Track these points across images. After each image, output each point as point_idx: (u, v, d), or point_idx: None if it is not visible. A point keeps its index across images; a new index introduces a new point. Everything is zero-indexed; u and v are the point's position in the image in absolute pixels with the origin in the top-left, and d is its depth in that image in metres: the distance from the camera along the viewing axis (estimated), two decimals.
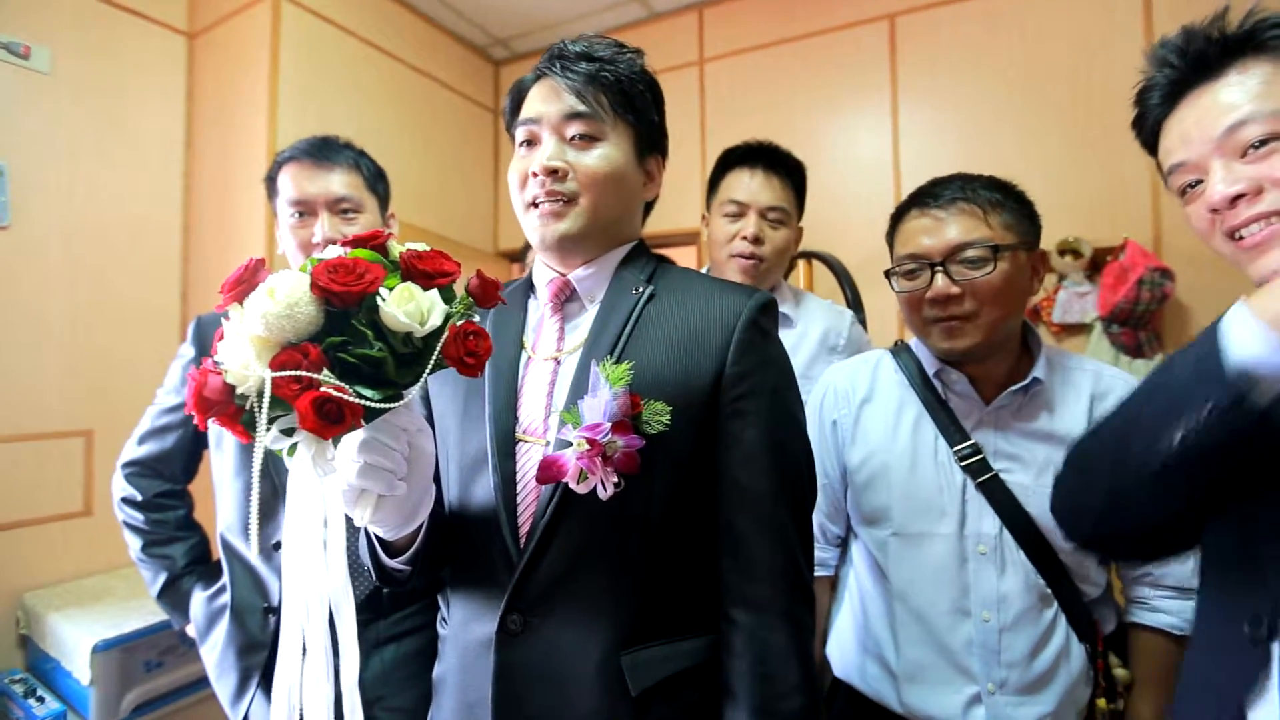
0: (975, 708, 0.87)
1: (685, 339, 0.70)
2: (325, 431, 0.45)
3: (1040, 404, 0.92)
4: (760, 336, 0.71)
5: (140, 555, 1.22)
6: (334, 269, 0.47)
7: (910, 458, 0.95)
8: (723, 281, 0.77)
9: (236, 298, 0.48)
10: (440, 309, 0.50)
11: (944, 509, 0.91)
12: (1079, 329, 2.02)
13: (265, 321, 0.45)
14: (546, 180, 0.71)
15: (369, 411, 0.47)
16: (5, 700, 1.67)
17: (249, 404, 0.46)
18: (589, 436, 0.61)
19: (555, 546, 0.66)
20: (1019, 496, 0.88)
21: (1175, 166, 0.65)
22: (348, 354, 0.46)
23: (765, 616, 0.67)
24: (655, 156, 0.80)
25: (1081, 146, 2.01)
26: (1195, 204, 0.64)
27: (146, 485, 1.21)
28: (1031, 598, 0.87)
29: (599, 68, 0.73)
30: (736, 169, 1.36)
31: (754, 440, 0.69)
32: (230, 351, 0.46)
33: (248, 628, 1.10)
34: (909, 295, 0.93)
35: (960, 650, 0.88)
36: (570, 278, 0.76)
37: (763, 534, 0.68)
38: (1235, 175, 0.59)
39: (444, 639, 0.76)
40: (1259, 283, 0.60)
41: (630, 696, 0.65)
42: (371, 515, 0.56)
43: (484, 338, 0.54)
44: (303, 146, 1.15)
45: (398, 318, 0.47)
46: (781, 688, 0.66)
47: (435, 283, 0.52)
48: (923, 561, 0.92)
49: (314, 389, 0.44)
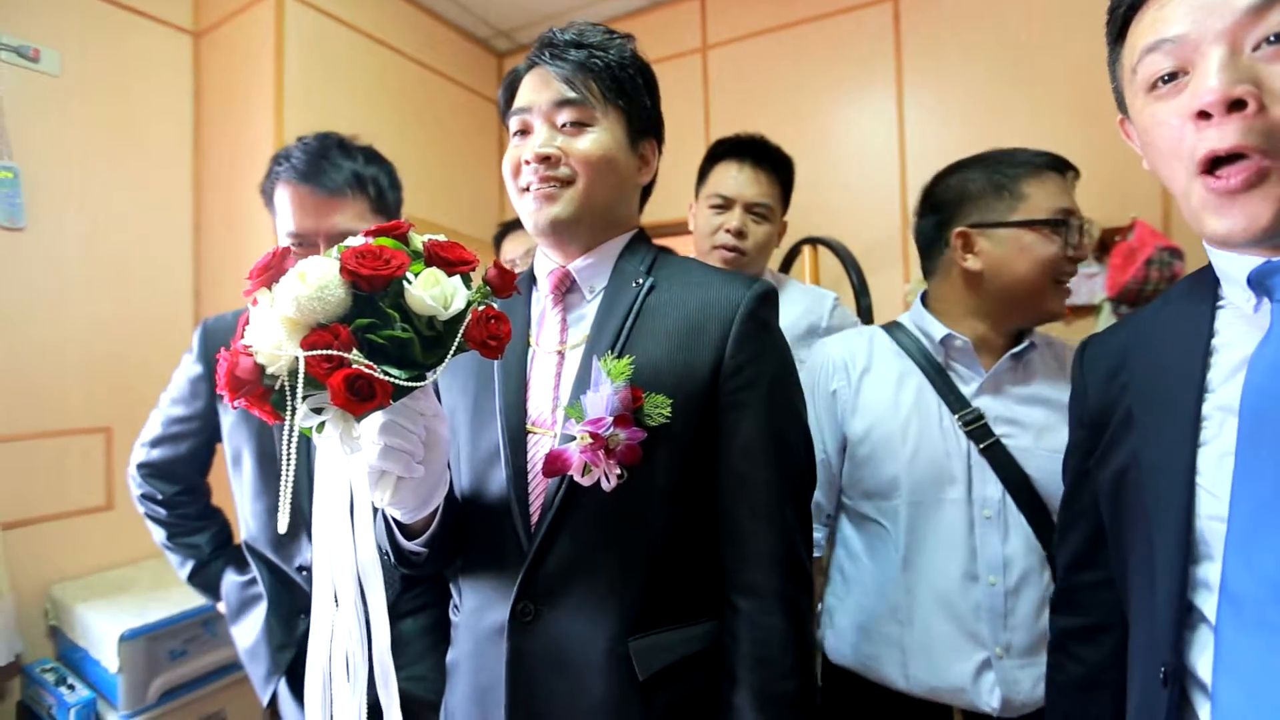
0: (985, 673, 0.89)
1: (685, 331, 0.71)
2: (356, 408, 0.46)
3: (1034, 370, 0.97)
4: (759, 327, 0.72)
5: (166, 544, 1.25)
6: (362, 255, 0.49)
7: (917, 426, 0.96)
8: (722, 271, 0.78)
9: (265, 283, 0.50)
10: (463, 293, 0.52)
11: (953, 475, 0.93)
12: (1087, 310, 2.01)
13: (297, 304, 0.46)
14: (540, 167, 0.72)
15: (397, 390, 0.49)
16: (38, 688, 1.71)
17: (278, 384, 0.48)
18: (591, 430, 0.63)
19: (563, 537, 0.68)
20: (1019, 459, 0.91)
21: (1158, 44, 0.51)
22: (375, 335, 0.48)
23: (764, 602, 0.69)
24: (649, 141, 0.80)
25: (1088, 125, 1.99)
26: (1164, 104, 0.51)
27: (162, 485, 1.22)
28: (1032, 560, 0.90)
29: (588, 54, 0.73)
30: (725, 161, 1.37)
31: (752, 430, 0.70)
32: (260, 334, 0.48)
33: (285, 629, 1.13)
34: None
35: (969, 615, 0.90)
36: (570, 268, 0.77)
37: (761, 522, 0.70)
38: (1241, 72, 0.46)
39: (456, 626, 0.78)
40: (1217, 243, 0.53)
41: (638, 681, 0.67)
42: (391, 497, 0.59)
43: (505, 321, 0.56)
44: (301, 165, 1.03)
45: (424, 300, 0.49)
46: (778, 670, 0.67)
47: (457, 269, 0.54)
48: (934, 528, 0.93)
49: (345, 368, 0.46)
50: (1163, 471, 0.58)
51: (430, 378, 0.51)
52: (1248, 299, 0.55)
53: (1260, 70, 0.46)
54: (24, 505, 1.80)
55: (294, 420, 0.47)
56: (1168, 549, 0.56)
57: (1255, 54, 0.46)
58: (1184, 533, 0.55)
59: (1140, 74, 0.54)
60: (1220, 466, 0.53)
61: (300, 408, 0.47)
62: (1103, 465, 0.68)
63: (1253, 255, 0.53)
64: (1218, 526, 0.53)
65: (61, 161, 1.89)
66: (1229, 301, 0.59)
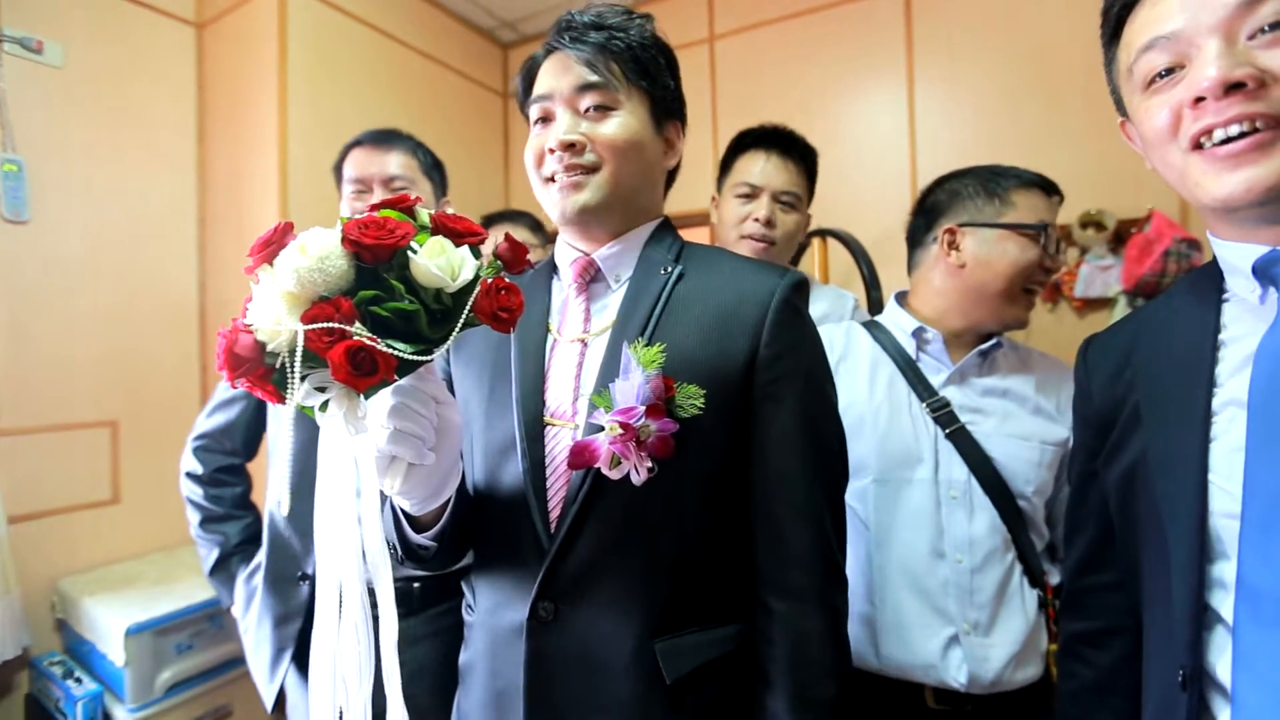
0: (953, 649, 0.93)
1: (717, 320, 0.68)
2: (358, 383, 0.44)
3: (998, 366, 1.04)
4: (794, 316, 0.70)
5: (198, 531, 1.28)
6: (365, 225, 0.47)
7: (888, 410, 1.03)
8: (752, 260, 0.75)
9: (266, 258, 0.48)
10: (471, 263, 0.50)
11: (921, 455, 0.99)
12: (1102, 303, 1.98)
13: (297, 276, 0.44)
14: (564, 155, 0.70)
15: (401, 365, 0.46)
16: (45, 681, 1.71)
17: (279, 362, 0.46)
18: (622, 420, 0.59)
19: (587, 533, 0.65)
20: (983, 444, 0.98)
21: (1154, 41, 0.53)
22: (379, 308, 0.46)
23: (802, 604, 0.66)
24: (674, 123, 0.78)
25: (1103, 115, 1.94)
26: (1160, 96, 0.53)
27: (208, 459, 1.28)
28: (995, 540, 0.96)
29: (609, 36, 0.71)
30: (751, 151, 1.36)
31: (788, 423, 0.68)
32: (261, 310, 0.46)
33: (282, 597, 1.14)
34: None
35: (937, 592, 0.95)
36: (594, 256, 0.75)
37: (798, 519, 0.67)
38: (1238, 58, 0.48)
39: (470, 625, 0.75)
40: (1219, 206, 0.52)
41: (665, 684, 0.64)
42: (401, 485, 0.56)
43: (516, 293, 0.53)
44: (368, 134, 1.28)
45: (430, 270, 0.47)
46: (817, 674, 0.65)
47: (465, 240, 0.51)
48: (903, 506, 0.99)
49: (346, 340, 0.44)
50: (1174, 469, 0.57)
51: (437, 352, 0.49)
52: (1253, 289, 0.55)
53: (1257, 56, 0.48)
54: (31, 499, 1.79)
55: (294, 398, 0.45)
56: (1181, 549, 0.55)
57: (1251, 43, 0.49)
58: (1198, 531, 0.54)
59: (1137, 73, 0.55)
60: (1233, 462, 0.53)
61: (302, 385, 0.45)
62: (1111, 464, 0.67)
63: (1257, 244, 0.53)
64: (1232, 524, 0.52)
65: (65, 154, 1.88)
66: (1234, 294, 0.58)
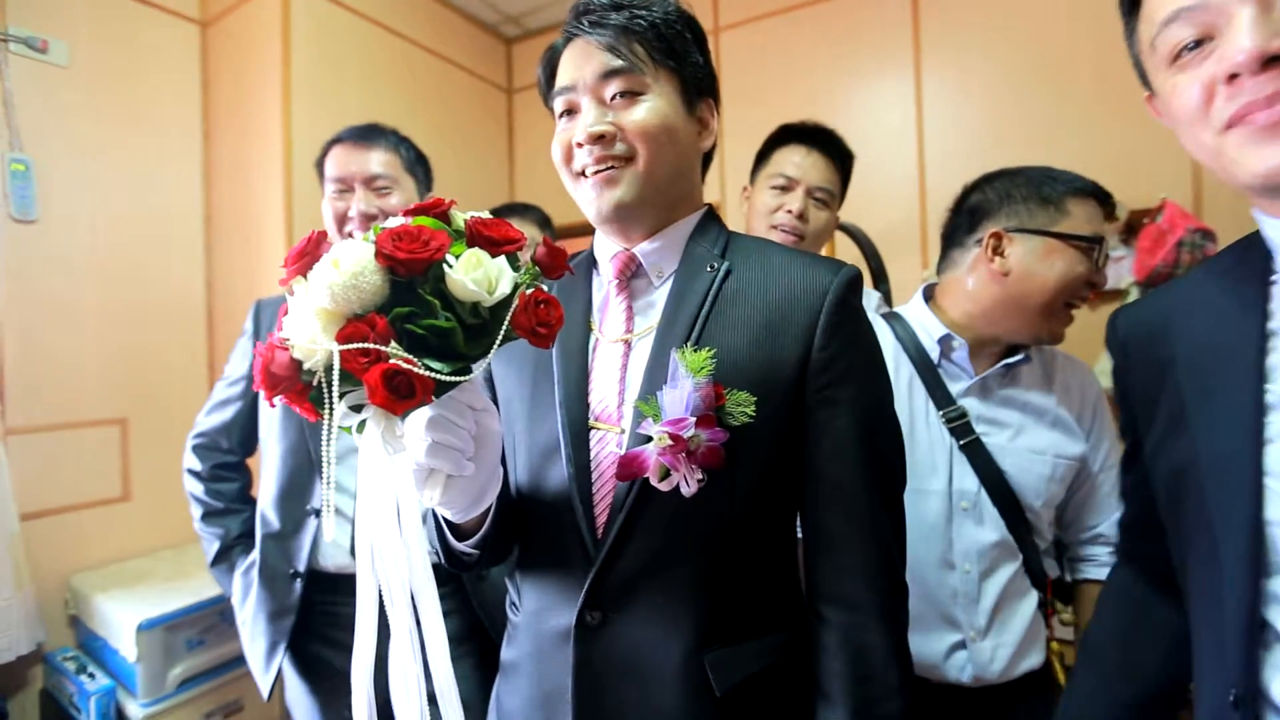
0: (959, 652, 0.96)
1: (768, 320, 0.65)
2: (395, 406, 0.43)
3: (1022, 378, 1.01)
4: (850, 316, 0.66)
5: (200, 525, 1.30)
6: (399, 236, 0.45)
7: (907, 418, 0.99)
8: (805, 254, 0.71)
9: (300, 271, 0.47)
10: (509, 276, 0.48)
11: (936, 466, 0.98)
12: (1114, 295, 1.96)
13: (331, 293, 0.44)
14: (594, 148, 0.66)
15: (439, 386, 0.45)
16: (59, 677, 1.73)
17: (316, 379, 0.45)
18: (671, 431, 0.57)
19: (634, 541, 0.63)
20: (995, 456, 0.96)
21: (1178, 14, 0.49)
22: (415, 325, 0.45)
23: (861, 616, 0.64)
24: (706, 101, 0.73)
25: (1115, 105, 1.94)
26: (1189, 72, 0.50)
27: (207, 456, 1.30)
28: (1002, 549, 0.96)
29: (630, 15, 0.66)
30: (790, 145, 1.37)
31: (845, 430, 0.64)
32: (296, 326, 0.45)
33: (276, 593, 1.17)
34: None
35: (946, 601, 0.96)
36: (635, 252, 0.71)
37: (856, 529, 0.65)
38: (1276, 27, 0.44)
39: (515, 625, 0.74)
40: (1258, 183, 0.48)
41: (714, 695, 0.63)
42: (440, 496, 0.55)
43: (555, 306, 0.51)
44: (349, 131, 1.25)
45: (466, 285, 0.45)
46: (881, 690, 0.63)
47: (502, 250, 0.49)
48: (918, 517, 0.96)
49: (383, 362, 0.43)
50: (1224, 474, 0.53)
51: (476, 370, 0.48)
52: None
53: None
54: (42, 497, 1.80)
55: (332, 420, 0.44)
56: (1234, 560, 0.52)
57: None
58: (1252, 541, 0.51)
59: (1160, 48, 0.51)
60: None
61: (339, 406, 0.44)
62: (1159, 457, 0.64)
63: None
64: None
65: (72, 153, 1.87)
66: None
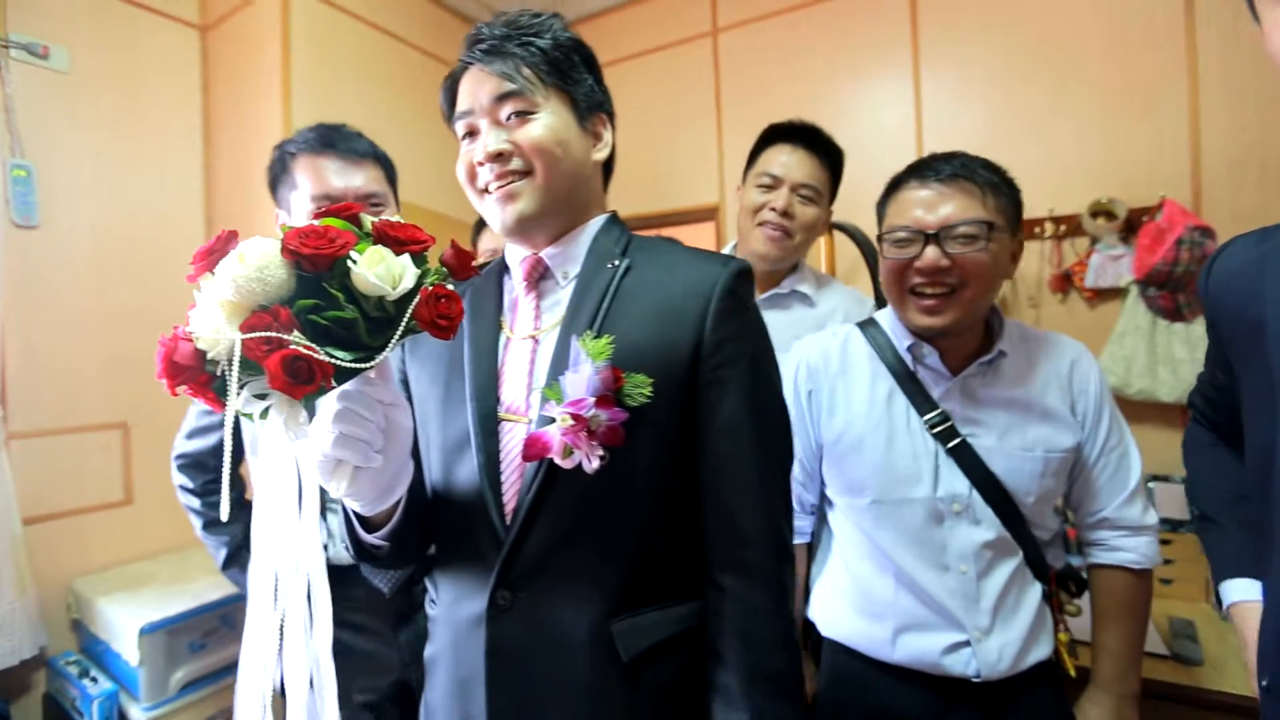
0: (963, 649, 0.95)
1: (663, 310, 0.70)
2: (295, 390, 0.44)
3: (1002, 374, 0.99)
4: (737, 304, 0.71)
5: (202, 534, 1.28)
6: (305, 234, 0.47)
7: (886, 430, 1.00)
8: (699, 251, 0.77)
9: (207, 267, 0.48)
10: (412, 272, 0.50)
11: (919, 474, 0.98)
12: (1113, 293, 1.92)
13: (235, 285, 0.45)
14: (494, 166, 0.72)
15: (339, 372, 0.47)
16: (62, 681, 1.75)
17: (219, 370, 0.46)
18: (573, 412, 0.61)
19: (541, 522, 0.67)
20: (984, 458, 0.95)
21: None
22: (319, 317, 0.46)
23: (751, 580, 0.68)
24: (599, 116, 0.78)
25: (1115, 101, 1.90)
26: None
27: (194, 475, 1.27)
28: (1000, 547, 0.96)
29: (520, 43, 0.72)
30: (776, 144, 1.39)
31: (734, 407, 0.70)
32: (201, 318, 0.46)
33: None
34: (894, 263, 0.96)
35: (946, 602, 0.95)
36: (542, 255, 0.76)
37: (746, 500, 0.69)
38: None
39: (434, 620, 0.77)
40: None
41: (621, 662, 0.66)
42: (348, 487, 0.57)
43: (456, 300, 0.53)
44: (318, 138, 1.08)
45: (368, 279, 0.47)
46: (766, 647, 0.67)
47: (407, 249, 0.51)
48: (902, 525, 0.98)
49: (283, 349, 0.44)
50: None
51: (377, 359, 0.49)
52: None
53: None
54: (44, 501, 1.83)
55: (233, 405, 0.45)
56: None
57: None
58: None
59: None
60: None
61: (241, 393, 0.45)
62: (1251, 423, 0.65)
63: None
64: None
65: (73, 158, 1.91)
66: None
